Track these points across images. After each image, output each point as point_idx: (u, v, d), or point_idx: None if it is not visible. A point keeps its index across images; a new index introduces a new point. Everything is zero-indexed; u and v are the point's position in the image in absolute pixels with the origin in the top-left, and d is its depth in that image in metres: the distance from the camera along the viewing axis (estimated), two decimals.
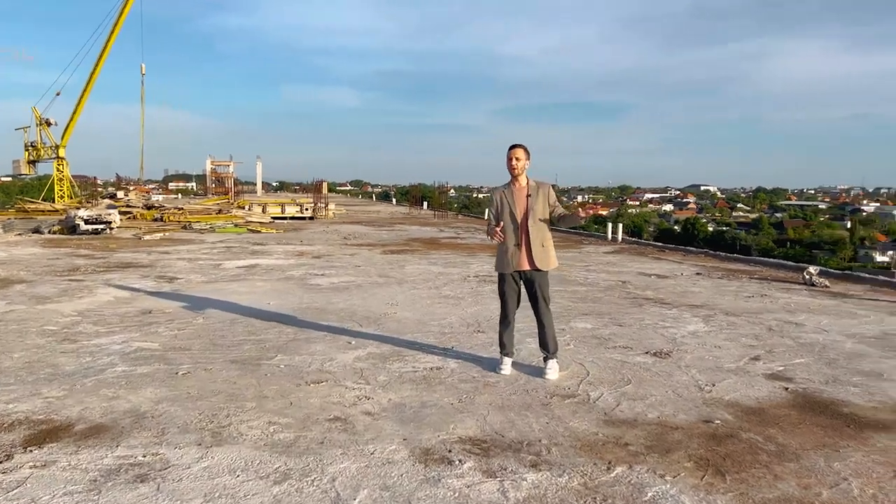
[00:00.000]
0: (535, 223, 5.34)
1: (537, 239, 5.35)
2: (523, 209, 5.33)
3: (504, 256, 5.42)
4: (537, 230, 5.36)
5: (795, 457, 3.85)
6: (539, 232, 5.36)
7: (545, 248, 5.39)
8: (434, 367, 5.61)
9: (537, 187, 5.41)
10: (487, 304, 8.42)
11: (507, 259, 5.40)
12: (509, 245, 5.35)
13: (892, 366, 5.71)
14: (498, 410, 4.59)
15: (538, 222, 5.35)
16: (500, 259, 5.50)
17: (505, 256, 5.41)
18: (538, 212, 5.34)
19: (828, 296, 9.34)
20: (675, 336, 6.80)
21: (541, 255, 5.36)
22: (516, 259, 5.36)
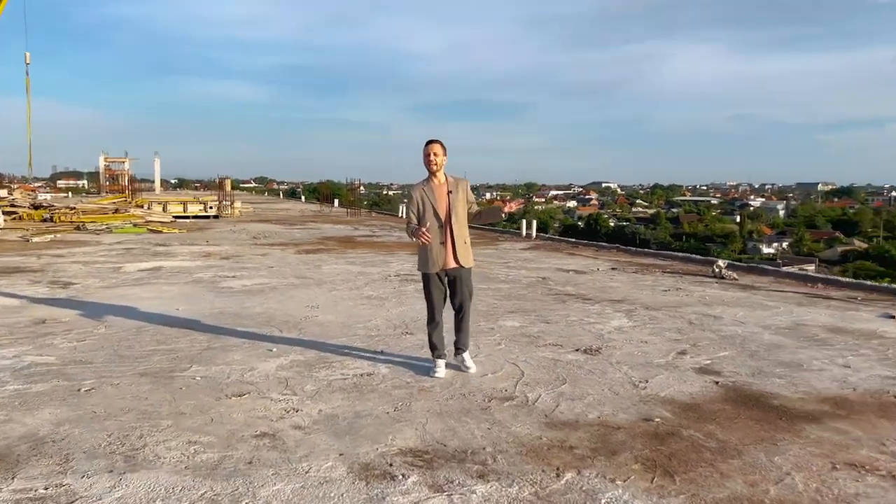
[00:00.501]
0: (458, 220, 5.25)
1: (461, 236, 5.26)
2: (446, 206, 5.22)
3: (428, 255, 5.26)
4: (460, 227, 5.27)
5: (737, 453, 3.85)
6: (461, 229, 5.28)
7: (467, 244, 5.33)
8: (364, 374, 5.34)
9: (456, 183, 5.30)
10: (413, 304, 8.20)
11: (431, 258, 5.24)
12: (434, 243, 5.20)
13: (809, 356, 5.90)
14: (437, 417, 4.39)
15: (460, 219, 5.26)
16: (423, 258, 5.33)
17: (429, 255, 5.25)
18: (459, 209, 5.25)
19: (738, 288, 9.69)
20: (602, 332, 6.81)
21: (464, 253, 5.29)
22: (441, 258, 5.23)
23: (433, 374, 5.27)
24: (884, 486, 3.41)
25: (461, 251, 5.25)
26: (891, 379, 5.23)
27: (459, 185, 5.31)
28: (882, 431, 4.16)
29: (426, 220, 5.20)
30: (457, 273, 5.30)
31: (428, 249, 5.23)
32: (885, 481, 3.47)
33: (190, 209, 27.54)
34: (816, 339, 6.49)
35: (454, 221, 5.22)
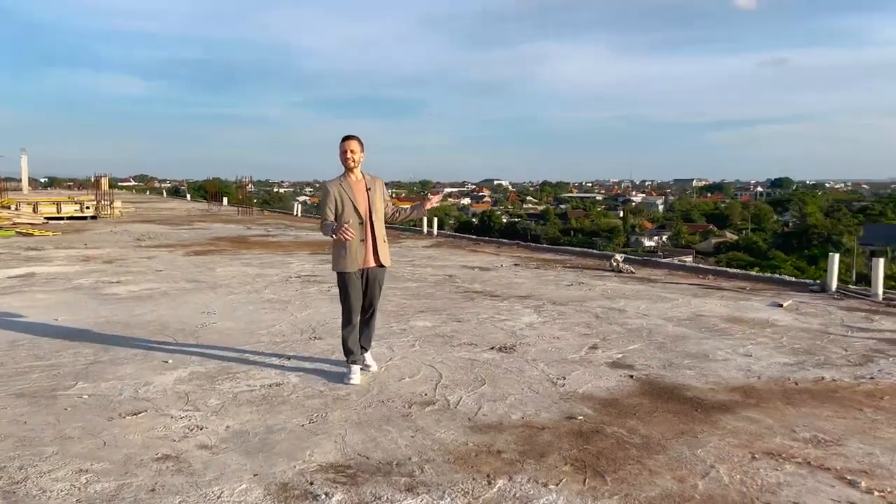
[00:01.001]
0: (378, 218, 5.13)
1: (380, 235, 5.14)
2: (366, 204, 5.07)
3: (346, 254, 5.05)
4: (379, 225, 5.16)
5: (661, 448, 3.86)
6: (380, 228, 5.17)
7: (385, 243, 5.22)
8: (273, 384, 5.01)
9: (374, 181, 5.18)
10: (318, 306, 7.88)
11: (350, 257, 5.04)
12: (353, 242, 5.00)
13: (712, 346, 6.10)
14: (356, 428, 4.15)
15: (380, 217, 5.15)
16: (339, 257, 5.10)
17: (348, 254, 5.04)
18: (379, 206, 5.14)
19: (636, 281, 9.98)
20: (514, 329, 6.77)
21: (384, 252, 5.18)
22: (361, 256, 5.06)
23: (347, 381, 5.03)
24: (801, 474, 3.51)
25: (381, 250, 5.14)
26: (789, 366, 5.47)
27: (377, 182, 5.20)
28: (790, 419, 4.31)
29: (346, 218, 4.99)
30: (375, 273, 5.17)
31: (346, 247, 5.01)
32: (802, 468, 3.57)
33: (64, 209, 25.53)
34: (716, 330, 6.74)
35: (374, 218, 5.08)
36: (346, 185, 5.05)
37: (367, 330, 5.32)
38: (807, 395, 4.75)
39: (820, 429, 4.12)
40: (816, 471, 3.53)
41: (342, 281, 5.14)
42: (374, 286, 5.21)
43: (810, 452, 3.77)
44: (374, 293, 5.24)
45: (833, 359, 5.66)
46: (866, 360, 5.59)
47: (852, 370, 5.33)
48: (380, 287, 5.26)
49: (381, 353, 5.81)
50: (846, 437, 3.99)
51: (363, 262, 5.07)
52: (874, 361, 5.57)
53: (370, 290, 5.21)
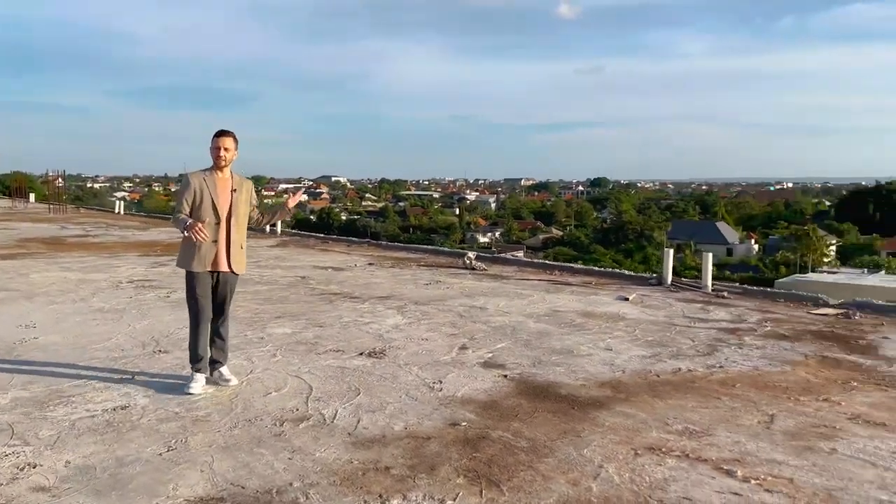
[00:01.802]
0: (238, 222, 4.80)
1: (237, 240, 4.81)
2: (227, 204, 4.73)
3: (196, 252, 4.70)
4: (239, 230, 4.83)
5: (549, 450, 3.82)
6: (240, 232, 4.85)
7: (243, 250, 4.90)
8: (118, 407, 4.41)
9: (241, 182, 4.87)
10: (159, 315, 7.16)
11: (199, 255, 4.70)
12: (205, 242, 4.65)
13: (575, 341, 6.25)
14: (224, 453, 3.73)
15: (240, 221, 4.82)
16: (188, 255, 4.74)
17: (197, 252, 4.69)
18: (241, 210, 4.81)
19: (490, 278, 10.12)
20: (380, 332, 6.54)
21: (238, 258, 4.85)
22: (211, 258, 4.72)
23: (188, 391, 4.65)
24: (683, 467, 3.60)
25: (235, 255, 4.82)
26: (647, 358, 5.72)
27: (244, 185, 4.89)
28: (660, 411, 4.46)
29: (202, 215, 4.66)
30: (225, 278, 4.83)
31: (196, 245, 4.67)
32: (683, 461, 3.68)
33: None
34: (575, 325, 6.94)
35: (233, 222, 4.76)
36: (210, 181, 4.73)
37: (218, 340, 4.93)
38: (669, 387, 4.96)
39: (689, 420, 4.30)
40: (696, 463, 3.65)
41: (189, 280, 4.79)
42: (224, 291, 4.88)
43: (686, 444, 3.90)
44: (224, 298, 4.90)
45: (684, 349, 6.01)
46: (712, 350, 5.99)
47: (703, 360, 5.67)
48: (231, 293, 4.95)
49: (239, 365, 5.35)
50: (713, 426, 4.19)
51: (212, 265, 4.74)
52: (719, 350, 5.98)
53: (219, 294, 4.87)
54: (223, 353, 4.95)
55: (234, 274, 4.86)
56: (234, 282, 4.93)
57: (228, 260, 4.76)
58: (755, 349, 6.01)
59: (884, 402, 4.60)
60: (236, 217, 4.76)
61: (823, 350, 5.99)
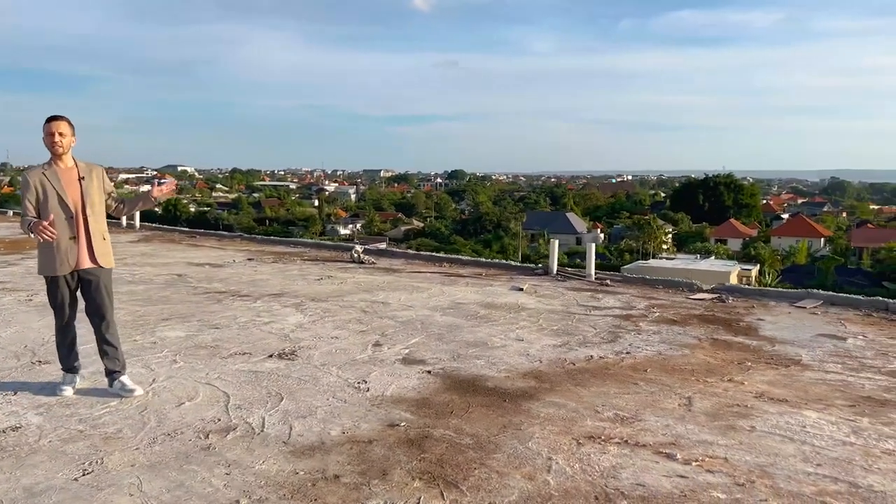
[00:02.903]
0: (94, 211, 4.43)
1: (98, 231, 4.45)
2: (77, 195, 4.35)
3: (55, 254, 4.33)
4: (97, 220, 4.45)
5: (495, 445, 3.81)
6: (98, 222, 4.48)
7: (106, 240, 4.53)
8: (8, 428, 3.89)
9: (90, 169, 4.48)
10: (25, 321, 6.41)
11: (59, 257, 4.34)
12: (62, 239, 4.30)
13: (486, 333, 6.29)
14: (151, 473, 3.38)
15: (96, 210, 4.45)
16: (47, 258, 4.37)
17: (56, 254, 4.33)
18: (95, 197, 4.44)
19: (382, 272, 9.98)
20: (284, 332, 6.24)
21: (103, 250, 4.48)
22: (73, 256, 4.35)
23: (60, 392, 4.42)
24: (626, 454, 3.72)
25: (99, 248, 4.46)
26: (558, 347, 5.87)
27: (94, 171, 4.49)
28: (587, 399, 4.59)
29: (49, 211, 4.25)
30: (94, 274, 4.44)
31: (54, 247, 4.29)
32: (624, 448, 3.79)
33: None
34: (480, 317, 6.99)
35: (89, 212, 4.39)
36: (52, 174, 4.33)
37: (108, 348, 4.52)
38: (587, 375, 5.12)
39: (616, 406, 4.45)
40: (636, 449, 3.78)
41: (51, 286, 4.43)
42: (98, 292, 4.45)
43: (622, 431, 4.03)
44: (100, 300, 4.47)
45: (589, 337, 6.23)
46: (615, 337, 6.25)
47: (610, 347, 5.91)
48: (106, 292, 4.51)
49: (137, 373, 4.90)
50: (640, 411, 4.36)
51: (76, 263, 4.37)
52: (621, 337, 6.26)
53: (92, 296, 4.46)
54: (118, 361, 4.55)
55: (102, 268, 4.44)
56: (105, 278, 4.48)
57: (93, 255, 4.39)
58: (653, 334, 6.35)
59: (779, 380, 5.02)
60: (91, 207, 4.38)
61: (712, 333, 6.45)
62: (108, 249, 4.51)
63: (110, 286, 4.56)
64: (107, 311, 4.50)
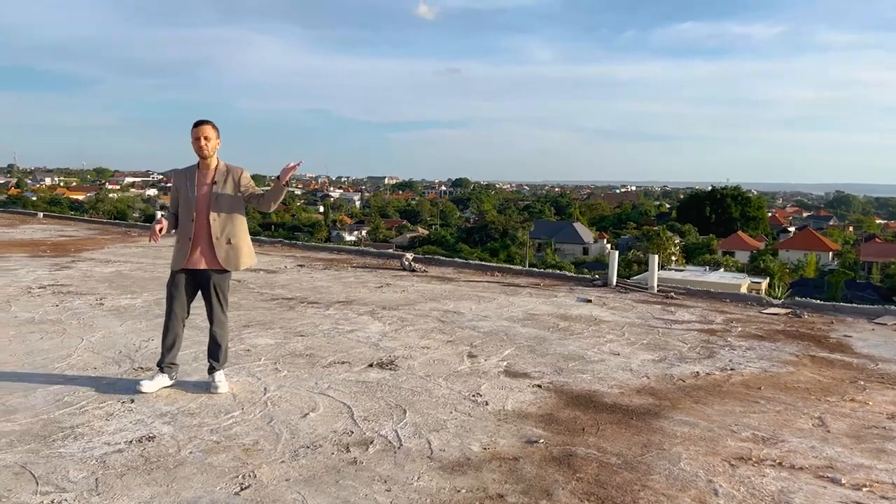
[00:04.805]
0: (220, 215, 4.46)
1: (222, 233, 4.48)
2: (204, 198, 4.45)
3: (176, 250, 4.53)
4: (221, 223, 4.49)
5: (647, 467, 3.69)
6: (224, 225, 4.51)
7: (232, 244, 4.52)
8: (142, 438, 3.78)
9: (226, 172, 4.53)
10: (107, 326, 6.31)
11: (175, 254, 4.53)
12: (182, 238, 4.51)
13: (577, 347, 6.17)
14: (310, 488, 3.27)
15: (223, 214, 4.48)
16: (173, 254, 4.57)
17: (176, 251, 4.53)
18: (224, 201, 4.48)
19: (438, 280, 9.86)
20: (371, 340, 6.13)
21: (224, 253, 4.50)
22: (185, 255, 4.44)
23: (138, 388, 4.47)
24: (785, 477, 3.59)
25: (220, 250, 4.48)
26: (659, 362, 5.73)
27: (230, 174, 4.54)
28: (716, 418, 4.47)
29: (181, 211, 4.53)
30: (208, 275, 4.52)
31: (178, 244, 4.53)
32: (782, 471, 3.66)
33: None
34: (561, 329, 6.87)
35: (213, 216, 4.46)
36: (191, 175, 4.54)
37: (213, 345, 4.64)
38: (702, 392, 5.00)
39: (749, 426, 4.33)
40: (795, 472, 3.66)
41: (169, 279, 4.60)
42: (210, 292, 4.54)
43: (770, 453, 3.91)
44: (211, 301, 4.56)
45: (684, 352, 6.11)
46: (710, 352, 6.13)
47: (710, 363, 5.79)
48: (217, 294, 4.56)
49: (244, 381, 4.82)
50: (777, 432, 4.24)
51: (187, 262, 4.48)
52: (716, 353, 6.13)
53: (205, 296, 4.57)
54: (217, 360, 4.62)
55: (214, 272, 4.49)
56: (219, 280, 4.55)
57: (213, 256, 4.45)
58: (747, 350, 6.23)
59: None
60: (217, 210, 4.46)
61: (805, 349, 6.33)
62: (235, 253, 4.54)
63: (224, 288, 4.61)
64: (217, 312, 4.57)
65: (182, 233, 4.50)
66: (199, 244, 4.45)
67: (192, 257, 4.46)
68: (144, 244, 13.13)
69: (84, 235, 14.76)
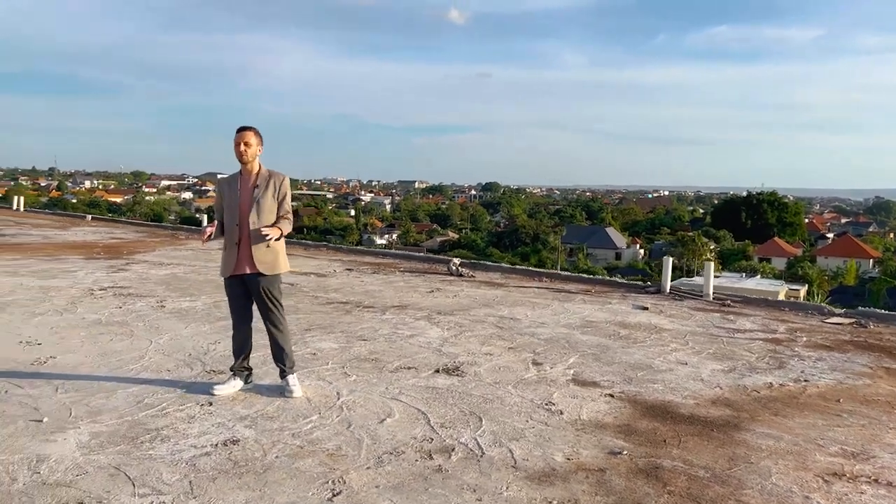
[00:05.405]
0: (259, 220, 4.48)
1: (261, 238, 4.45)
2: (248, 202, 4.47)
3: (223, 258, 4.62)
4: (261, 227, 4.48)
5: (738, 481, 3.60)
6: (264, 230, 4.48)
7: (272, 248, 4.54)
8: (227, 441, 3.79)
9: (268, 178, 4.56)
10: (173, 328, 6.38)
11: (224, 262, 4.62)
12: (228, 245, 4.57)
13: (642, 355, 6.08)
14: (400, 495, 3.25)
15: (263, 219, 4.49)
16: (221, 260, 4.67)
17: (223, 258, 4.62)
18: (265, 206, 4.50)
19: (487, 285, 9.82)
20: (433, 345, 6.11)
21: (264, 257, 4.51)
22: (233, 261, 4.49)
23: (211, 391, 4.55)
24: (882, 495, 3.49)
25: (260, 254, 4.49)
26: (729, 372, 5.62)
27: (272, 180, 4.56)
28: (799, 431, 4.35)
29: (226, 216, 4.57)
30: (255, 280, 4.54)
31: (225, 251, 4.60)
32: (879, 488, 3.55)
33: None
34: (623, 337, 6.78)
35: (253, 220, 4.48)
36: (234, 181, 4.58)
37: (274, 348, 4.68)
38: (779, 404, 4.88)
39: (836, 440, 4.21)
40: (894, 489, 3.55)
41: (224, 286, 4.74)
42: (259, 296, 4.57)
43: (862, 469, 3.79)
44: (262, 305, 4.59)
45: (753, 362, 5.98)
46: (780, 363, 5.99)
47: (782, 373, 5.65)
48: (267, 298, 4.57)
49: (316, 385, 4.86)
50: (866, 447, 4.12)
51: (234, 268, 4.54)
52: (786, 363, 5.99)
53: (257, 301, 4.60)
54: (282, 362, 4.69)
55: (262, 275, 4.50)
56: (267, 284, 4.55)
57: (252, 261, 4.47)
58: (818, 361, 6.08)
59: None
60: (258, 215, 4.47)
61: (878, 361, 6.15)
62: (274, 257, 4.56)
63: (274, 291, 4.62)
64: (271, 314, 4.59)
65: (228, 238, 4.54)
66: (244, 249, 4.48)
67: (238, 263, 4.50)
68: (194, 247, 13.31)
69: (133, 238, 15.03)
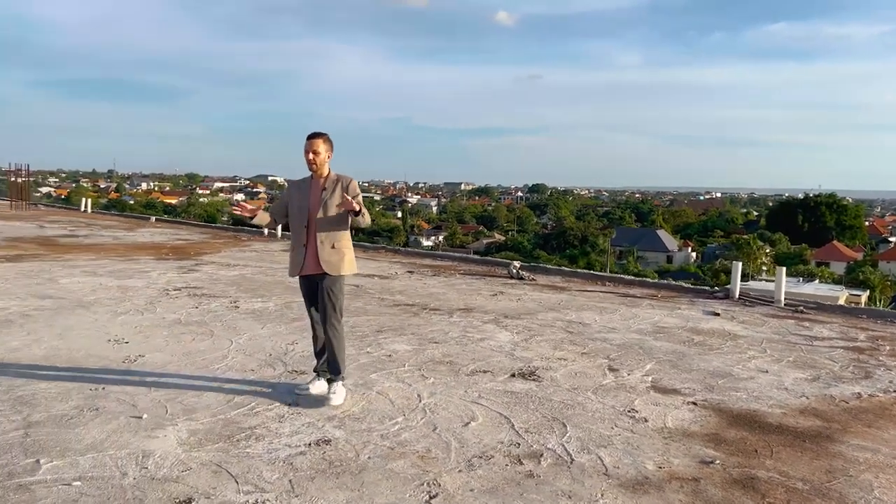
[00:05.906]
0: (326, 220, 4.56)
1: (327, 239, 4.54)
2: (315, 206, 4.54)
3: (291, 258, 4.75)
4: (329, 229, 4.57)
5: (840, 495, 3.50)
6: (330, 232, 4.58)
7: (336, 249, 4.58)
8: (319, 441, 3.87)
9: (336, 181, 4.61)
10: (250, 329, 6.53)
11: (291, 262, 4.73)
12: (296, 246, 4.68)
13: (720, 363, 5.96)
14: (496, 499, 3.26)
15: (329, 220, 4.56)
16: (289, 260, 4.79)
17: (291, 259, 4.75)
18: (332, 210, 4.54)
19: (550, 289, 9.77)
20: (505, 349, 6.11)
21: (329, 258, 4.55)
22: (299, 262, 4.63)
23: (298, 392, 4.68)
24: None
25: (325, 255, 4.54)
26: (814, 382, 5.46)
27: (340, 182, 4.64)
28: (895, 443, 4.22)
29: (292, 218, 4.68)
30: (319, 280, 4.59)
31: (293, 251, 4.72)
32: None
33: None
34: (697, 343, 6.66)
35: (320, 223, 4.55)
36: (304, 185, 4.67)
37: (326, 349, 4.68)
38: (871, 415, 4.73)
39: None
40: None
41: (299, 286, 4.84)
42: (321, 297, 4.58)
43: None
44: (322, 305, 4.60)
45: (836, 371, 5.81)
46: (866, 373, 5.80)
47: (869, 384, 5.48)
48: (328, 298, 4.57)
49: (396, 387, 4.90)
50: None
51: (301, 269, 4.63)
52: (873, 373, 5.79)
53: (318, 300, 4.63)
54: (329, 366, 4.66)
55: (327, 275, 4.53)
56: (330, 284, 4.55)
57: (318, 262, 4.53)
58: None
59: None
60: (325, 217, 4.54)
61: None
62: (339, 258, 4.59)
63: (336, 293, 4.60)
64: (328, 315, 4.58)
65: (296, 240, 4.63)
66: (311, 250, 4.55)
67: (305, 263, 4.57)
68: (258, 248, 13.59)
69: (198, 239, 15.42)
